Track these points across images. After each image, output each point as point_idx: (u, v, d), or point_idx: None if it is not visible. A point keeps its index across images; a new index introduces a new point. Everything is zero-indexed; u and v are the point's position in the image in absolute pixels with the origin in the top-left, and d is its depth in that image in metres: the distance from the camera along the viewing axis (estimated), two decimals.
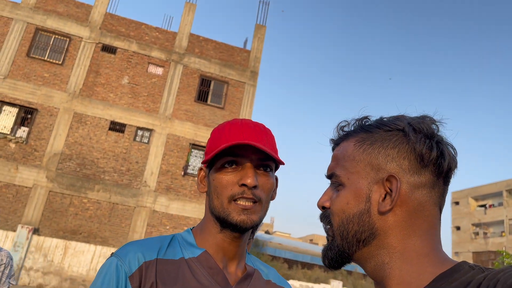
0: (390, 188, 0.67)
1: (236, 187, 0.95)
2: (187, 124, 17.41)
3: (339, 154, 0.75)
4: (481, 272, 0.61)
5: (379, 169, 0.69)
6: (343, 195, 0.71)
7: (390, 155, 0.69)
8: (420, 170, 0.68)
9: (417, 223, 0.67)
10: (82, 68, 16.64)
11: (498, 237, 37.39)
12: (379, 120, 0.74)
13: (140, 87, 17.27)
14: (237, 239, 0.99)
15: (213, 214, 0.98)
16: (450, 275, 0.62)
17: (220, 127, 1.03)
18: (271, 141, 1.01)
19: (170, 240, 0.99)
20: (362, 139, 0.73)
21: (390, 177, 0.67)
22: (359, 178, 0.70)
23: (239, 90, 18.57)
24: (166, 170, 16.68)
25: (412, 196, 0.67)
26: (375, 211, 0.67)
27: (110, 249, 14.59)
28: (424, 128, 0.70)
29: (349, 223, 0.68)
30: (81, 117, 16.23)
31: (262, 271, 1.09)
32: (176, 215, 16.30)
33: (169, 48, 18.04)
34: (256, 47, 19.35)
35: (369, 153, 0.70)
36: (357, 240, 0.68)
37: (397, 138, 0.70)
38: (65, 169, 15.58)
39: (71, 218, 15.17)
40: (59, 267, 14.01)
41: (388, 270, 0.66)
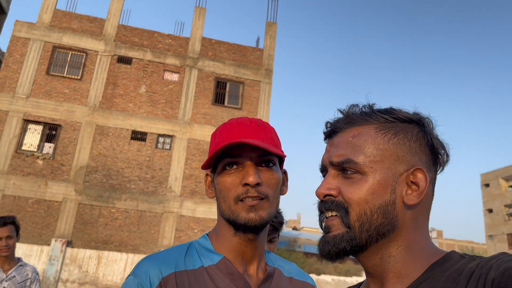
0: (414, 181, 0.66)
1: (240, 188, 0.93)
2: (207, 127, 17.54)
3: (356, 141, 0.69)
4: (472, 260, 0.61)
5: (404, 161, 0.67)
6: (364, 184, 0.66)
7: (413, 148, 0.68)
8: (431, 166, 0.69)
9: (423, 216, 0.68)
10: (100, 81, 16.98)
11: None
12: (393, 110, 0.72)
13: (158, 94, 17.50)
14: (252, 240, 0.97)
15: (224, 217, 0.97)
16: (441, 264, 0.63)
17: (217, 130, 1.02)
18: (269, 135, 0.99)
19: (187, 249, 0.98)
20: (383, 127, 0.69)
21: (417, 171, 0.66)
22: (383, 168, 0.67)
23: (255, 89, 18.59)
24: (189, 175, 16.86)
25: (427, 191, 0.67)
26: (401, 203, 0.66)
27: (142, 256, 14.85)
28: (431, 123, 0.71)
29: (374, 214, 0.65)
30: (103, 129, 16.56)
31: (283, 269, 1.08)
32: (203, 218, 16.46)
33: (183, 53, 18.21)
34: (269, 44, 19.33)
35: (395, 143, 0.68)
36: (378, 233, 0.65)
37: (418, 131, 0.69)
38: (92, 181, 15.93)
39: (102, 229, 15.52)
40: (94, 277, 14.35)
41: (392, 263, 0.66)
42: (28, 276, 2.97)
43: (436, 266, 0.63)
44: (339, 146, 0.71)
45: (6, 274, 2.88)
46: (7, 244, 2.82)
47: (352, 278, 16.98)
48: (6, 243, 2.82)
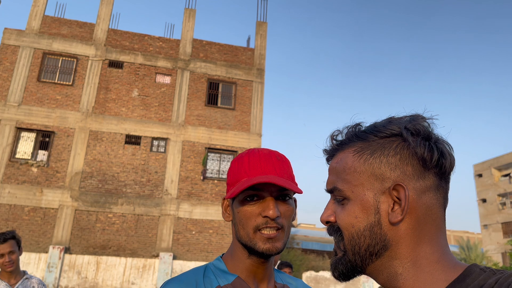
0: (398, 197, 0.65)
1: (260, 218, 1.02)
2: (201, 129, 17.57)
3: (338, 167, 0.72)
4: (492, 274, 0.60)
5: (384, 178, 0.66)
6: (350, 209, 0.68)
7: (393, 163, 0.66)
8: (424, 174, 0.66)
9: (426, 228, 0.66)
10: (92, 86, 16.94)
11: None
12: (373, 127, 0.71)
13: (150, 97, 17.49)
14: (264, 263, 1.07)
15: (240, 242, 1.06)
16: (462, 280, 0.61)
17: (240, 159, 1.09)
18: (287, 169, 1.08)
19: (204, 270, 1.07)
20: (360, 149, 0.70)
21: (397, 186, 0.65)
22: (364, 190, 0.67)
23: (247, 89, 18.64)
24: (185, 177, 16.88)
25: (420, 202, 0.65)
26: (386, 222, 0.65)
27: (141, 260, 14.87)
28: (420, 130, 0.68)
29: (360, 237, 0.66)
30: (96, 134, 16.53)
31: (291, 285, 1.17)
32: (200, 219, 16.51)
33: (174, 56, 18.21)
34: (260, 44, 19.38)
35: (371, 163, 0.68)
36: (370, 254, 0.66)
37: (396, 144, 0.68)
38: (88, 186, 15.91)
39: (99, 234, 15.51)
40: (93, 283, 14.35)
41: (402, 281, 0.65)
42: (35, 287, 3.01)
43: (457, 283, 0.61)
44: (329, 173, 0.74)
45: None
46: (11, 259, 2.87)
47: None
48: (10, 259, 2.86)
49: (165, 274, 14.81)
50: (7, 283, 2.92)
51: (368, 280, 17.01)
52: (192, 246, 16.17)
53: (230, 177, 1.10)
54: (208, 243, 16.33)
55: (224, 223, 16.63)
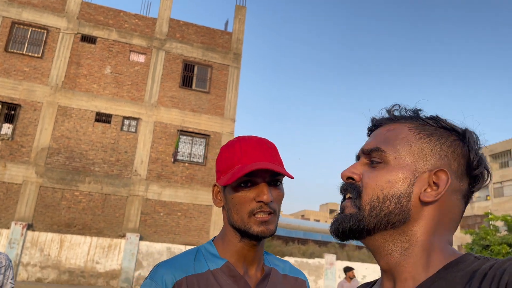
0: (436, 182, 0.67)
1: (254, 203, 1.06)
2: (174, 110, 17.38)
3: (390, 134, 0.73)
4: (486, 261, 0.62)
5: (430, 160, 0.68)
6: (384, 173, 0.69)
7: (445, 152, 0.69)
8: (463, 177, 0.69)
9: (444, 222, 0.68)
10: (63, 60, 16.39)
11: (483, 201, 38.51)
12: (437, 116, 0.74)
13: (123, 76, 17.11)
14: (255, 246, 1.12)
15: (233, 226, 1.10)
16: (455, 265, 0.64)
17: (230, 147, 1.13)
18: (277, 156, 1.12)
19: (195, 254, 1.12)
20: (418, 127, 0.72)
21: (441, 172, 0.67)
22: (407, 162, 0.69)
23: (223, 73, 18.52)
24: (155, 158, 16.73)
25: (450, 198, 0.68)
26: (416, 198, 0.67)
27: (106, 240, 14.73)
28: (477, 140, 0.71)
29: (386, 201, 0.67)
30: (65, 110, 16.08)
31: (278, 267, 1.22)
32: (169, 201, 16.45)
33: (150, 34, 17.83)
34: (238, 28, 19.23)
35: (425, 142, 0.70)
36: (387, 221, 0.67)
37: (454, 139, 0.70)
38: (54, 163, 15.52)
39: (64, 212, 15.22)
40: (56, 261, 14.12)
41: (403, 257, 0.67)
42: (2, 263, 2.97)
43: (449, 267, 0.64)
44: (374, 137, 0.75)
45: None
46: None
47: (314, 260, 17.56)
48: None
49: (131, 254, 14.75)
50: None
51: (331, 267, 17.49)
52: (159, 228, 16.13)
53: (221, 164, 1.12)
54: (176, 226, 16.33)
55: (192, 206, 16.65)
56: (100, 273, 14.43)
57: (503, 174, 37.23)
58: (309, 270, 17.09)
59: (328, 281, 17.29)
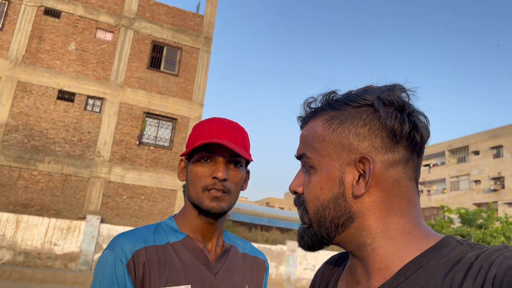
0: (363, 169, 0.64)
1: (209, 179, 1.09)
2: (140, 92, 17.00)
3: (308, 134, 0.70)
4: (470, 248, 0.59)
5: (351, 149, 0.65)
6: (315, 180, 0.67)
7: (362, 134, 0.64)
8: (393, 147, 0.64)
9: (394, 201, 0.64)
10: (24, 33, 15.63)
11: (440, 194, 40.17)
12: (347, 95, 0.69)
13: (89, 53, 16.53)
14: (212, 223, 1.14)
15: (190, 201, 1.13)
16: (437, 251, 0.61)
17: (199, 125, 1.16)
18: (242, 139, 1.15)
19: (155, 228, 1.13)
20: (331, 118, 0.68)
21: (363, 158, 0.63)
22: (330, 161, 0.66)
23: (193, 56, 18.24)
24: (120, 140, 16.36)
25: (387, 175, 0.64)
26: (350, 195, 0.64)
27: (65, 221, 14.34)
28: (394, 101, 0.65)
29: (325, 210, 0.65)
30: (25, 86, 15.40)
31: (238, 246, 1.26)
32: (133, 184, 16.18)
33: (118, 12, 17.26)
34: (210, 12, 18.92)
35: (339, 132, 0.66)
36: (336, 226, 0.65)
37: (367, 115, 0.65)
38: (11, 140, 14.89)
39: (21, 192, 14.68)
40: (12, 241, 13.65)
41: (371, 251, 0.64)
42: None
43: (431, 253, 0.61)
44: (300, 140, 0.73)
45: None
46: None
47: (277, 246, 17.84)
48: None
49: (91, 237, 14.45)
50: None
51: (292, 253, 17.82)
52: (121, 211, 15.86)
53: (189, 140, 1.16)
54: (138, 209, 16.11)
55: (156, 190, 16.45)
56: (58, 255, 14.08)
57: (460, 168, 38.88)
58: (271, 256, 17.34)
59: (289, 267, 17.62)
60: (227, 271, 1.14)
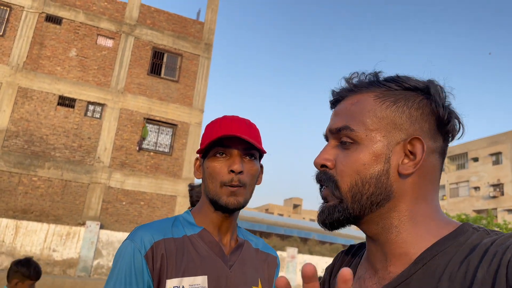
0: (412, 151, 0.64)
1: (226, 175, 1.12)
2: (141, 98, 17.05)
3: (355, 108, 0.68)
4: (486, 234, 0.60)
5: (402, 129, 0.65)
6: (357, 155, 0.65)
7: (414, 116, 0.65)
8: (437, 135, 0.66)
9: (427, 187, 0.66)
10: (25, 39, 15.70)
11: (440, 201, 40.12)
12: (397, 77, 0.69)
13: (90, 60, 16.60)
14: (228, 217, 1.18)
15: (207, 197, 1.17)
16: (454, 237, 0.61)
17: (212, 122, 1.19)
18: (255, 133, 1.18)
19: (173, 221, 1.17)
20: (382, 95, 0.67)
21: (415, 140, 0.64)
22: (379, 136, 0.65)
23: (193, 63, 18.32)
24: (120, 146, 16.37)
25: (428, 161, 0.65)
26: (395, 173, 0.64)
27: (65, 227, 14.31)
28: (442, 94, 0.67)
29: (365, 185, 0.64)
30: (26, 92, 15.44)
31: (251, 241, 1.30)
32: (132, 190, 16.17)
33: (119, 19, 17.36)
34: (210, 18, 19.03)
35: (393, 110, 0.66)
36: (371, 203, 0.65)
37: (421, 99, 0.66)
38: (12, 146, 14.90)
39: (21, 197, 14.66)
40: (11, 247, 13.61)
41: (396, 233, 0.65)
42: None
43: (448, 240, 0.62)
44: (340, 114, 0.70)
45: None
46: None
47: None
48: None
49: (90, 243, 14.41)
50: None
51: (292, 260, 17.78)
52: (121, 217, 15.84)
53: (202, 139, 1.19)
54: (138, 215, 16.09)
55: (156, 196, 16.44)
56: (57, 261, 14.03)
57: (459, 175, 38.87)
58: None
59: (289, 274, 17.56)
60: (241, 264, 1.18)
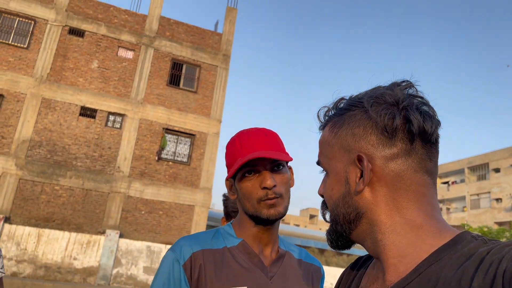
0: (360, 167, 0.67)
1: (260, 191, 1.14)
2: (160, 108, 17.29)
3: (320, 141, 0.77)
4: (483, 243, 0.59)
5: (350, 150, 0.69)
6: (328, 182, 0.73)
7: (357, 134, 0.68)
8: (390, 141, 0.65)
9: (400, 195, 0.65)
10: (49, 52, 16.15)
11: (460, 212, 39.29)
12: (347, 101, 0.74)
13: (111, 71, 16.95)
14: (269, 229, 1.20)
15: (246, 214, 1.19)
16: (452, 246, 0.61)
17: (231, 142, 1.22)
18: (276, 142, 1.20)
19: (214, 233, 1.21)
20: (334, 124, 0.73)
21: (359, 156, 0.67)
22: (336, 162, 0.71)
23: (211, 73, 18.52)
24: (139, 155, 16.59)
25: (387, 169, 0.65)
26: (354, 191, 0.68)
27: (85, 236, 14.52)
28: (387, 98, 0.67)
29: (337, 207, 0.70)
30: (49, 103, 15.83)
31: (294, 252, 1.30)
32: (151, 200, 16.33)
33: (139, 31, 17.72)
34: (228, 30, 19.27)
35: (339, 136, 0.71)
36: (348, 222, 0.69)
37: (360, 116, 0.69)
38: (35, 156, 15.25)
39: (43, 206, 14.95)
40: (33, 255, 13.86)
41: (383, 247, 0.66)
42: None
43: (446, 248, 0.61)
44: (318, 148, 0.78)
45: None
46: None
47: None
48: None
49: (110, 251, 14.57)
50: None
51: None
52: (140, 226, 15.98)
53: (227, 160, 1.22)
54: (157, 224, 16.21)
55: (174, 205, 16.56)
56: (78, 269, 14.22)
57: (480, 186, 38.07)
58: None
59: None
60: (283, 276, 1.17)
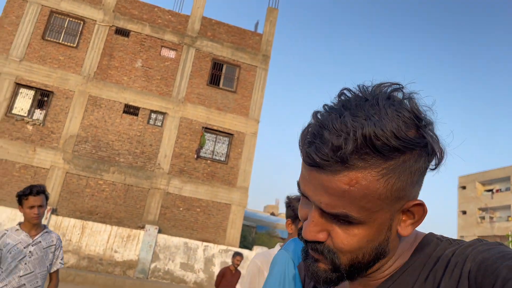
0: (411, 210, 0.61)
1: None
2: (200, 107, 17.58)
3: (355, 192, 0.56)
4: (448, 244, 0.61)
5: (404, 197, 0.59)
6: (361, 233, 0.59)
7: (415, 181, 0.59)
8: None
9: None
10: (96, 51, 16.78)
11: (504, 222, 37.60)
12: (393, 135, 0.54)
13: (153, 70, 17.40)
14: None
15: None
16: (421, 250, 0.63)
17: None
18: None
19: None
20: (386, 172, 0.56)
21: (417, 207, 0.61)
22: (383, 213, 0.59)
23: (251, 74, 18.64)
24: (179, 153, 16.95)
25: None
26: (394, 235, 0.62)
27: (126, 230, 15.00)
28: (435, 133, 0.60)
29: (366, 256, 0.61)
30: (95, 100, 16.45)
31: None
32: (189, 197, 16.64)
33: (182, 31, 18.08)
34: (268, 30, 19.32)
35: (398, 188, 0.57)
36: (367, 268, 0.63)
37: (422, 159, 0.58)
38: (81, 151, 15.89)
39: (88, 199, 15.56)
40: (77, 246, 14.46)
41: (379, 267, 0.65)
42: (53, 242, 3.12)
43: (417, 252, 0.63)
44: (332, 193, 0.57)
45: (33, 239, 3.02)
46: (39, 212, 2.95)
47: None
48: (38, 212, 2.95)
49: (149, 246, 14.98)
50: (27, 234, 3.02)
51: None
52: (178, 222, 16.33)
53: None
54: (194, 221, 16.50)
55: (211, 203, 16.79)
56: (118, 262, 14.71)
57: None
58: None
59: None
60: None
